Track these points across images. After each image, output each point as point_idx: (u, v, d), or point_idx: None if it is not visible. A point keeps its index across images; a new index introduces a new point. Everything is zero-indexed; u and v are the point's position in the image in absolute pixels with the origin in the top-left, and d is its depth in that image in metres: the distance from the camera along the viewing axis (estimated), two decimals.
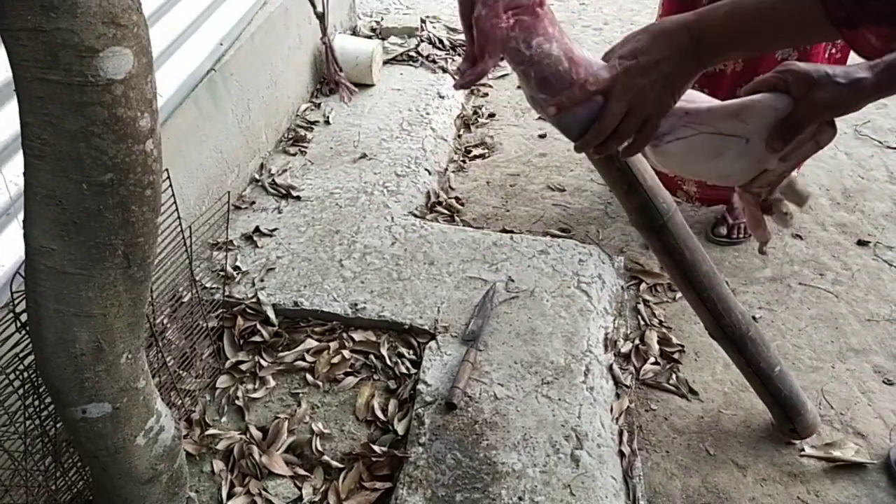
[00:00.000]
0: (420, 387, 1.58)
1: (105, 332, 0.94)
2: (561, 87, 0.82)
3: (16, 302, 1.01)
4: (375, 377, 1.67)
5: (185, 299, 1.60)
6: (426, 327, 1.73)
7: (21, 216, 1.30)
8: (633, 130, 0.83)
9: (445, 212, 2.23)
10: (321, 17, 1.09)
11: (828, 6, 0.70)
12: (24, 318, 0.99)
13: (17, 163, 1.32)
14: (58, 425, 1.17)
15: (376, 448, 1.48)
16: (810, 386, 1.69)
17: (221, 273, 1.86)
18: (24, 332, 1.04)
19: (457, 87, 0.85)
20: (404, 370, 1.67)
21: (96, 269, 0.89)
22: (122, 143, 0.81)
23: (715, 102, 0.91)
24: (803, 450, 1.55)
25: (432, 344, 1.68)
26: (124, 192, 0.85)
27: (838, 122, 0.89)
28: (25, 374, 1.07)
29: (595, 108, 0.83)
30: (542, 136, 2.60)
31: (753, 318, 1.84)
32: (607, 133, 0.83)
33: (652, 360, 1.76)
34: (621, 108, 0.81)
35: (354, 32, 3.07)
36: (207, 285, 1.83)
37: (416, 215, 2.13)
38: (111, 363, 0.97)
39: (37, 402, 1.12)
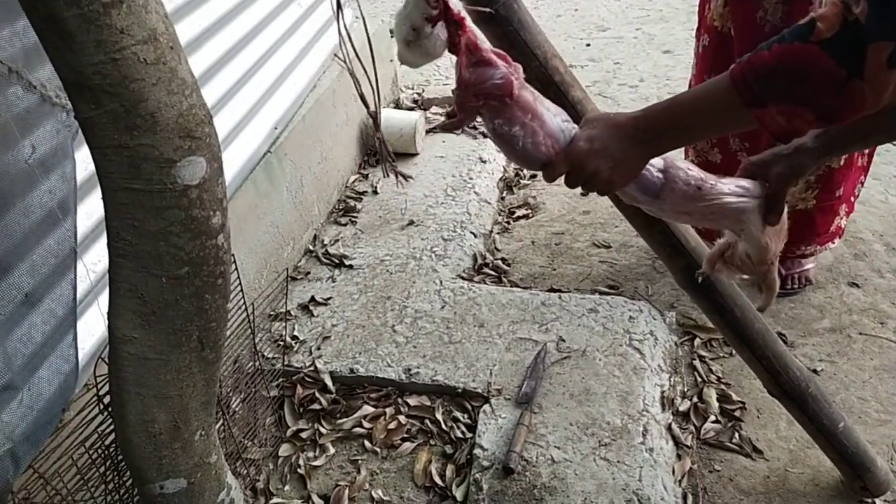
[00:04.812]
0: (476, 451, 1.60)
1: (181, 411, 1.01)
2: (518, 157, 1.01)
3: (99, 386, 1.10)
4: (432, 442, 1.69)
5: (248, 370, 1.67)
6: (479, 390, 1.75)
7: (100, 300, 1.40)
8: (576, 185, 1.00)
9: (493, 273, 2.28)
10: (374, 116, 1.20)
11: (738, 89, 0.83)
12: (106, 400, 1.07)
13: (95, 252, 1.44)
14: (135, 500, 1.23)
15: None
16: (879, 440, 1.63)
17: (280, 343, 1.93)
18: (106, 413, 1.12)
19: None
20: (460, 434, 1.68)
21: (173, 354, 0.96)
22: (196, 239, 0.89)
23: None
24: None
25: (486, 407, 1.70)
26: (199, 283, 0.93)
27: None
28: (107, 453, 1.15)
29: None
30: (585, 194, 2.64)
31: (814, 371, 1.80)
32: (549, 179, 1.01)
33: (712, 418, 1.73)
34: (561, 170, 0.99)
35: (398, 105, 3.21)
36: (268, 355, 1.91)
37: (464, 278, 2.18)
38: (186, 440, 1.03)
39: (116, 479, 1.19)
